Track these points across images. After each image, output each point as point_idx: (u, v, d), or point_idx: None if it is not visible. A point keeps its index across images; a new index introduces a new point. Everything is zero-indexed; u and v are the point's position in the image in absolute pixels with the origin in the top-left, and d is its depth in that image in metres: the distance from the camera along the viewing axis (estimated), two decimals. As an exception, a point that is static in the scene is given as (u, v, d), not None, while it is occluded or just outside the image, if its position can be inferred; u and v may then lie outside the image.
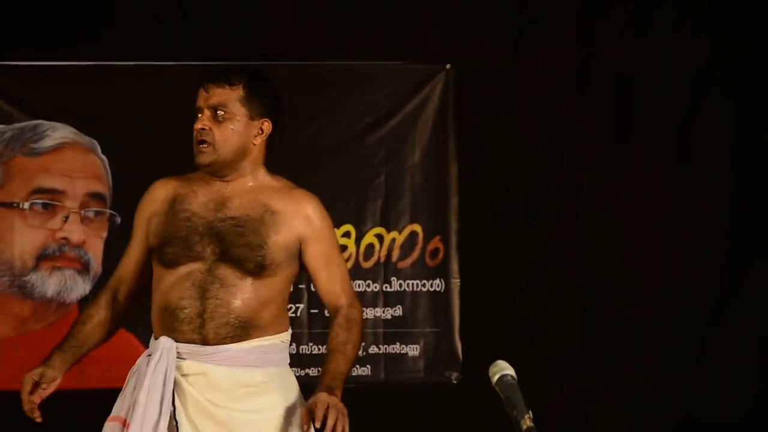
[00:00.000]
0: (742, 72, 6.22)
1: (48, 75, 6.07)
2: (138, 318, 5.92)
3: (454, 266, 6.16)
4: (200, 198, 3.97)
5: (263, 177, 4.02)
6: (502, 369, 2.97)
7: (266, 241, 3.90)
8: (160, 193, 4.03)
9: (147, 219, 4.02)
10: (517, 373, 2.95)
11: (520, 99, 6.24)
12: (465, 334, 6.13)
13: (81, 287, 6.05)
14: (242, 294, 3.88)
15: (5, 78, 6.06)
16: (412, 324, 6.16)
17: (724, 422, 6.20)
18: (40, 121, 6.06)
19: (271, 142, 4.02)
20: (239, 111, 3.94)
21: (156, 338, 3.93)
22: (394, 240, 6.17)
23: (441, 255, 6.17)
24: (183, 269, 3.89)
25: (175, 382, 3.88)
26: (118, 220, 6.02)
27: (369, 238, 6.16)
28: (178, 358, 3.87)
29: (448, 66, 6.19)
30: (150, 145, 5.99)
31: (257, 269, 3.88)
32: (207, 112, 3.93)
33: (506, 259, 6.21)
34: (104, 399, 5.07)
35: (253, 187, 3.99)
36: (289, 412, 3.92)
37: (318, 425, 3.70)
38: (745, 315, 6.20)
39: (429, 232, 6.19)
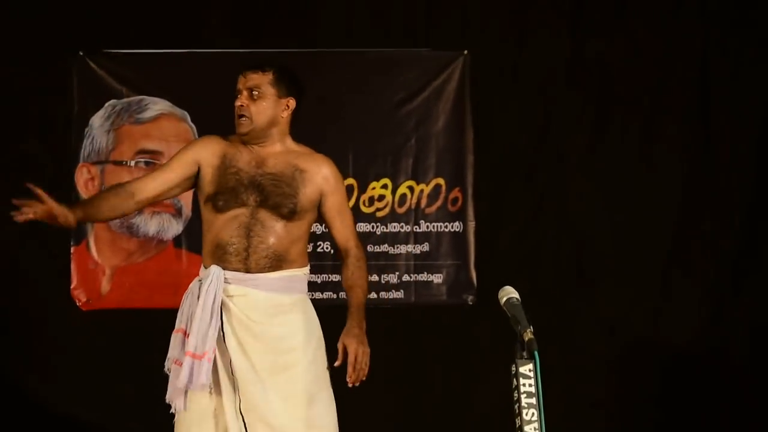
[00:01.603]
0: (701, 62, 6.18)
1: (149, 60, 6.08)
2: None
3: (471, 211, 6.17)
4: (244, 157, 4.07)
5: (290, 143, 4.15)
6: (509, 293, 3.06)
7: (297, 193, 4.04)
8: (213, 147, 4.11)
9: (194, 159, 4.08)
10: (520, 296, 3.06)
11: (521, 79, 6.18)
12: (479, 266, 6.16)
13: (175, 227, 6.09)
14: (277, 233, 4.01)
15: (117, 63, 6.07)
16: (437, 257, 6.17)
17: (679, 339, 6.18)
18: (143, 97, 6.07)
19: (296, 116, 4.15)
20: (269, 91, 4.06)
21: (206, 267, 4.04)
22: (422, 191, 6.18)
23: (460, 203, 6.18)
24: (231, 213, 4.01)
25: (222, 303, 3.98)
26: (203, 174, 6.08)
27: (402, 189, 6.18)
28: (225, 282, 3.98)
29: (465, 52, 6.17)
30: (228, 115, 5.95)
31: (290, 214, 4.02)
32: (245, 93, 4.07)
33: (511, 206, 6.22)
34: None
35: (282, 151, 4.11)
36: (309, 330, 4.07)
37: (350, 371, 3.86)
38: (699, 249, 6.20)
39: (450, 184, 6.19)
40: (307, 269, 4.14)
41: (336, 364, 3.92)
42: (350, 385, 3.89)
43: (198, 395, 3.98)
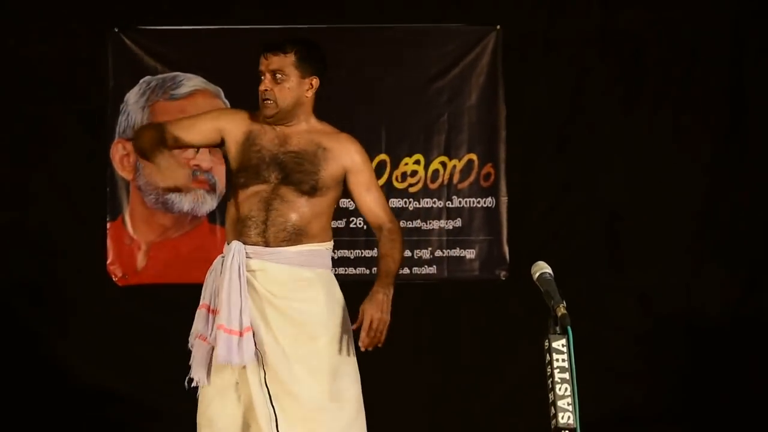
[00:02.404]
0: (734, 32, 6.16)
1: (184, 36, 6.09)
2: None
3: (503, 187, 6.16)
4: (268, 135, 4.07)
5: (314, 122, 4.13)
6: (542, 268, 3.03)
7: (319, 170, 4.03)
8: (240, 123, 4.11)
9: (219, 129, 4.10)
10: (552, 271, 3.02)
11: (553, 54, 6.15)
12: (511, 241, 6.16)
13: (209, 203, 6.10)
14: (298, 208, 4.00)
15: (151, 39, 6.08)
16: (469, 233, 6.16)
17: (711, 311, 6.17)
18: (178, 73, 6.09)
19: (319, 94, 4.12)
20: (293, 73, 4.03)
21: (228, 243, 4.04)
22: (455, 166, 6.15)
23: (492, 178, 6.16)
24: (252, 189, 4.01)
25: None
26: (237, 151, 6.06)
27: (435, 164, 6.15)
28: (246, 257, 3.97)
29: (498, 27, 6.13)
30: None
31: (311, 190, 4.02)
32: (268, 76, 4.04)
33: (543, 181, 6.21)
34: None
35: (306, 129, 4.11)
36: (331, 303, 4.06)
37: (363, 335, 3.85)
38: (731, 220, 6.18)
39: (483, 159, 6.17)
40: (329, 244, 4.12)
41: (353, 327, 3.93)
42: (362, 350, 3.89)
43: (220, 369, 3.99)
